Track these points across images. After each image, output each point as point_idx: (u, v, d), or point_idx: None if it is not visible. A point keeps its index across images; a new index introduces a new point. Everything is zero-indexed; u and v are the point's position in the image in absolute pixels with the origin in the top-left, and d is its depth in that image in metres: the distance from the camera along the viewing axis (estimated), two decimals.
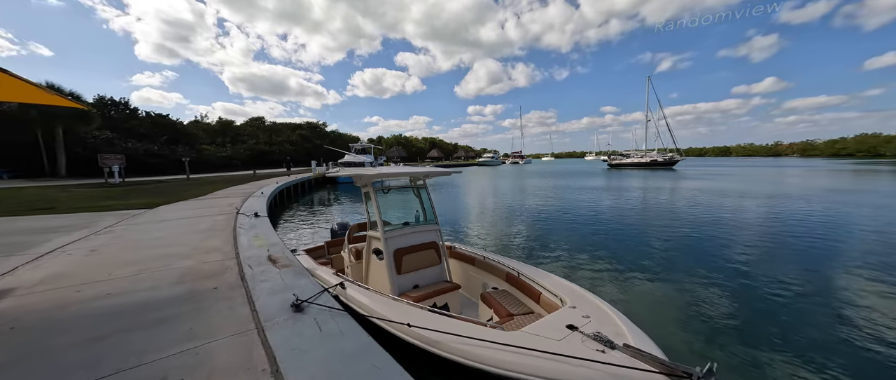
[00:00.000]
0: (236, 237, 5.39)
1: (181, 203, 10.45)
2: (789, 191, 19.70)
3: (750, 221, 11.22)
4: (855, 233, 9.29)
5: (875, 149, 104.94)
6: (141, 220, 7.39)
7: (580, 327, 2.30)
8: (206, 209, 8.85)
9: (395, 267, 3.92)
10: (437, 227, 4.46)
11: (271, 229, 6.14)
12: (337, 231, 6.75)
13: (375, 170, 4.18)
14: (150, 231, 6.10)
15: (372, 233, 4.19)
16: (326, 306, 2.67)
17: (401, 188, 4.80)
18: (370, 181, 4.28)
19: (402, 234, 4.13)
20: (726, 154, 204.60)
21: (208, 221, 6.95)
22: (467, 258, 4.66)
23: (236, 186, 17.41)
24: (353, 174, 4.50)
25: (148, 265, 3.98)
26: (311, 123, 70.80)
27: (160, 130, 40.97)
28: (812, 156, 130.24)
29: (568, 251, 8.23)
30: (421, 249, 4.16)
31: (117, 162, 20.77)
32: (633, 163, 54.24)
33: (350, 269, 5.01)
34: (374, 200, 4.16)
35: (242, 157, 48.45)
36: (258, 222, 6.75)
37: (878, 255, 7.30)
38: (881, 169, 41.35)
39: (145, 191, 15.37)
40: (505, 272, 3.89)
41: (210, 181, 21.96)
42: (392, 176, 4.30)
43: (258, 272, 3.64)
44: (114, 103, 39.61)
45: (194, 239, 5.34)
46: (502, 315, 3.10)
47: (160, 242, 5.24)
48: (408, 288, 3.98)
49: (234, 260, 4.14)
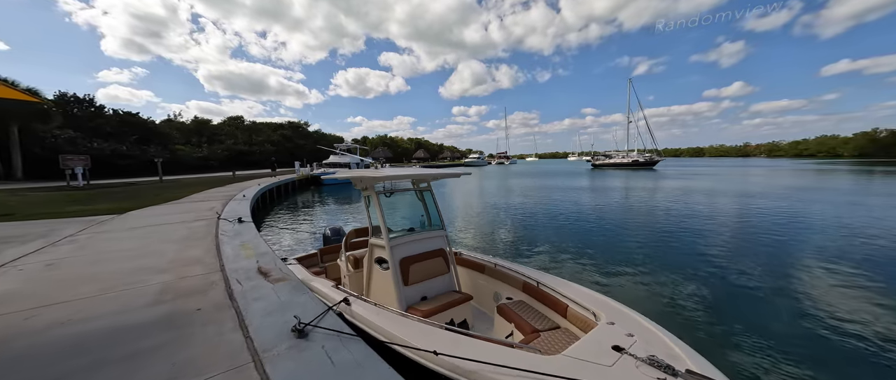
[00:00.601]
0: (220, 246, 4.88)
1: (154, 208, 9.66)
2: (768, 190, 20.53)
3: (740, 219, 11.50)
4: (833, 229, 9.64)
5: (834, 150, 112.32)
6: (108, 227, 6.70)
7: (627, 347, 2.05)
8: (183, 214, 8.18)
9: (402, 278, 3.58)
10: (444, 233, 4.15)
11: (259, 236, 5.65)
12: (330, 237, 6.32)
13: (379, 171, 3.83)
14: (120, 240, 5.48)
15: (375, 240, 3.83)
16: (334, 330, 2.31)
17: (403, 191, 4.45)
18: (372, 184, 3.92)
19: (407, 241, 3.80)
20: (700, 155, 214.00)
21: (186, 229, 6.35)
22: (476, 266, 4.37)
23: (215, 188, 16.46)
24: (352, 177, 4.12)
25: (117, 282, 3.47)
26: (293, 123, 68.78)
27: (129, 128, 38.56)
28: (778, 156, 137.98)
29: (571, 254, 8.09)
30: (428, 258, 3.84)
31: (81, 163, 19.27)
32: (615, 163, 55.59)
33: (348, 279, 4.62)
34: (377, 205, 3.80)
35: (220, 157, 46.37)
36: (243, 229, 6.23)
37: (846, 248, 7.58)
38: (840, 169, 44.22)
39: (113, 194, 14.26)
40: (521, 281, 3.62)
41: (186, 183, 20.74)
42: (396, 179, 3.95)
43: (249, 288, 3.21)
44: (77, 100, 37.00)
45: (171, 249, 4.80)
46: (527, 331, 2.82)
47: (131, 253, 4.67)
48: (415, 300, 3.65)
49: (219, 274, 3.68)
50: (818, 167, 48.65)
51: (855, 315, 4.72)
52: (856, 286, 5.75)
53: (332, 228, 6.51)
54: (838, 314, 4.76)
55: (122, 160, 33.10)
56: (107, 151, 31.94)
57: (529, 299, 3.45)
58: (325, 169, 33.09)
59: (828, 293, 5.50)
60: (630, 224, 11.32)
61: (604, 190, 22.86)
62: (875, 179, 27.46)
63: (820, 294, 5.46)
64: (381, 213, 3.77)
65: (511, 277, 3.80)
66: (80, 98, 37.28)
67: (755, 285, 5.92)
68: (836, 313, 4.79)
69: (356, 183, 4.10)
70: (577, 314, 2.78)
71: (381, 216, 3.75)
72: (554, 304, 3.09)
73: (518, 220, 12.76)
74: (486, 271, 4.23)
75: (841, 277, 6.13)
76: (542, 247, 8.80)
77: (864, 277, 6.10)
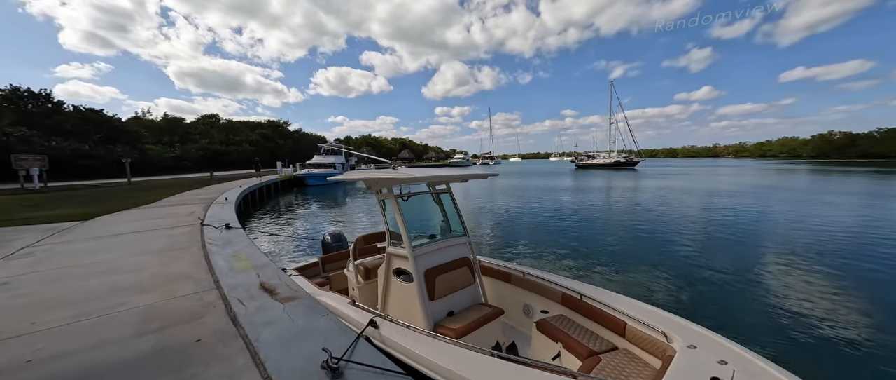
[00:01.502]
0: (209, 258, 4.33)
1: (125, 213, 8.79)
2: (741, 189, 21.39)
3: (720, 215, 11.80)
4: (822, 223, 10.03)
5: (794, 150, 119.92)
6: (73, 236, 5.93)
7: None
8: (160, 220, 7.43)
9: (428, 292, 3.21)
10: (467, 239, 3.81)
11: (252, 244, 5.10)
12: (331, 244, 5.83)
13: (400, 172, 3.43)
14: (88, 252, 4.80)
15: (395, 249, 3.44)
16: (374, 367, 1.92)
17: (420, 194, 4.07)
18: (391, 186, 3.53)
19: (431, 250, 3.43)
20: (674, 155, 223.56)
21: (165, 237, 5.70)
22: (501, 274, 4.04)
23: (191, 190, 15.39)
24: (367, 178, 3.70)
25: (90, 306, 2.91)
26: (272, 122, 66.41)
27: (93, 126, 35.88)
28: (744, 157, 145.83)
29: (568, 250, 7.93)
30: (453, 268, 3.48)
31: (37, 164, 17.57)
32: (598, 163, 56.91)
33: (358, 291, 4.20)
34: (397, 210, 3.41)
35: (194, 158, 44.00)
36: (232, 236, 5.64)
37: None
38: (799, 168, 47.31)
39: (76, 198, 13.02)
40: (559, 293, 3.32)
41: (158, 185, 19.37)
42: (420, 180, 3.56)
43: (255, 310, 2.76)
44: (32, 95, 34.07)
45: (152, 262, 4.21)
46: (582, 354, 2.52)
47: (103, 267, 4.05)
48: (441, 316, 3.29)
49: (214, 291, 3.19)
50: (788, 167, 51.58)
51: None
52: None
53: (331, 233, 6.01)
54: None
55: (85, 160, 30.73)
56: (67, 151, 29.56)
57: (571, 313, 3.15)
58: (310, 170, 31.88)
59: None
60: (640, 223, 11.36)
61: (597, 190, 23.15)
62: (844, 179, 29.28)
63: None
64: (401, 218, 3.39)
65: (545, 287, 3.50)
66: (36, 93, 34.36)
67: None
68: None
69: (371, 185, 3.69)
70: (641, 334, 2.50)
71: (402, 222, 3.37)
72: (606, 320, 2.80)
73: (520, 221, 12.57)
74: (513, 281, 3.91)
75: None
76: (551, 248, 8.61)
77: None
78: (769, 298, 5.41)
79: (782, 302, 5.23)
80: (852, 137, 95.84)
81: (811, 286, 5.80)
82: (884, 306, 5.09)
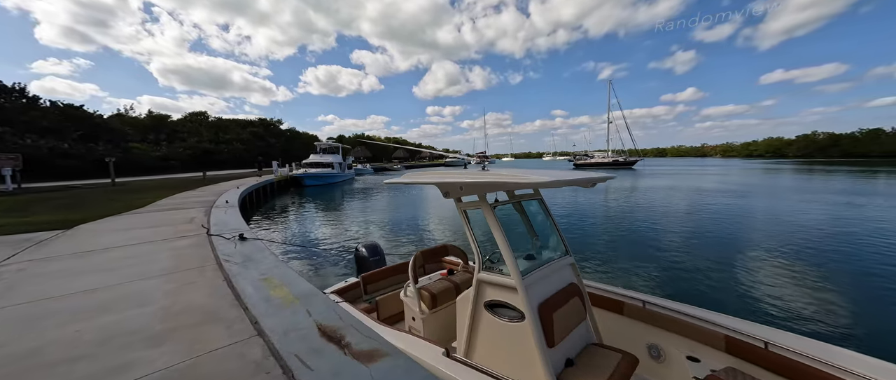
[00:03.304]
0: (232, 282, 3.43)
1: (113, 220, 7.71)
2: (751, 189, 21.20)
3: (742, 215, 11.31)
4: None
5: (780, 150, 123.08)
6: (51, 251, 4.91)
7: None
8: (158, 229, 6.42)
9: (545, 335, 2.40)
10: (571, 259, 3.01)
11: (281, 262, 4.19)
12: (367, 258, 4.93)
13: (495, 174, 2.60)
14: (72, 274, 3.83)
15: (490, 276, 2.62)
16: None
17: (504, 203, 3.24)
18: (484, 193, 2.71)
19: (538, 277, 2.62)
20: (663, 155, 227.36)
21: (168, 252, 4.74)
22: (607, 302, 3.25)
23: (185, 192, 14.20)
24: (442, 183, 2.86)
25: (84, 367, 2.01)
26: (264, 120, 64.44)
27: (72, 123, 33.82)
28: (731, 156, 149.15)
29: (628, 261, 7.23)
30: (565, 300, 2.68)
31: (10, 163, 16.06)
32: (596, 163, 56.89)
33: (420, 322, 3.37)
34: (496, 223, 2.59)
35: (182, 157, 42.08)
36: (250, 250, 4.72)
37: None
38: (785, 167, 48.22)
39: (54, 202, 11.76)
40: (717, 335, 2.49)
41: (146, 186, 18.02)
42: (519, 186, 2.72)
43: (325, 370, 1.91)
44: (4, 89, 31.88)
45: (157, 291, 3.29)
46: None
47: (95, 299, 3.12)
48: (560, 367, 2.49)
49: (257, 341, 2.31)
50: (777, 167, 52.44)
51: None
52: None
53: (366, 245, 5.12)
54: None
55: (63, 160, 28.82)
56: (43, 149, 27.66)
57: (751, 366, 2.31)
58: (308, 169, 30.53)
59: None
60: (699, 225, 10.74)
61: (617, 190, 22.66)
62: (850, 177, 29.59)
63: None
64: (502, 235, 2.56)
65: (687, 324, 2.70)
66: (8, 87, 32.20)
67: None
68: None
69: (452, 191, 2.85)
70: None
71: (504, 240, 2.54)
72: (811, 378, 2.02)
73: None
74: (627, 311, 3.11)
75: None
76: (614, 260, 7.89)
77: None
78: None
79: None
80: (835, 137, 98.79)
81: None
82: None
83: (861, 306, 5.15)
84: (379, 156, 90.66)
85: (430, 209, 16.03)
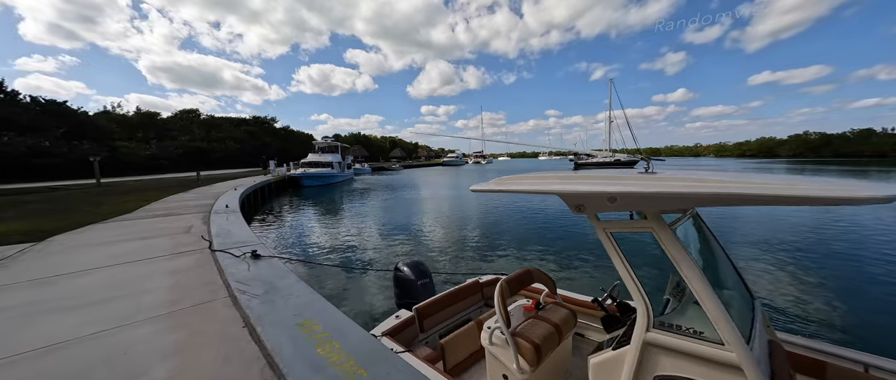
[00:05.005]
0: (256, 332, 2.41)
1: (95, 229, 6.57)
2: None
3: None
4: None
5: (772, 150, 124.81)
6: (14, 274, 3.81)
7: None
8: (149, 242, 5.32)
9: None
10: (757, 302, 2.07)
11: (315, 293, 3.17)
12: (413, 281, 3.86)
13: (670, 181, 1.62)
14: (28, 317, 2.76)
15: (674, 340, 1.67)
16: None
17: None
18: (657, 210, 1.75)
19: (758, 344, 1.68)
20: (657, 154, 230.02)
21: (163, 276, 3.68)
22: (803, 362, 2.31)
23: (178, 194, 13.00)
24: (567, 193, 1.85)
25: None
26: (258, 119, 62.75)
27: (54, 120, 32.01)
28: (724, 156, 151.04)
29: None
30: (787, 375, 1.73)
31: None
32: (598, 162, 56.33)
33: (516, 378, 2.40)
34: (685, 257, 1.64)
35: (173, 156, 40.35)
36: (269, 273, 3.68)
37: None
38: (778, 166, 48.53)
39: (28, 206, 10.50)
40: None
41: (135, 188, 16.71)
42: (741, 200, 1.71)
43: None
44: None
45: (157, 345, 2.26)
46: None
47: (68, 357, 2.08)
48: None
49: None
50: (771, 166, 52.76)
51: None
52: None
53: (409, 264, 4.04)
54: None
55: (43, 159, 27.14)
56: (22, 148, 25.95)
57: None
58: (306, 169, 29.24)
59: None
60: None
61: None
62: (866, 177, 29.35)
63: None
64: (702, 277, 1.61)
65: None
66: None
67: None
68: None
69: (586, 204, 1.87)
70: None
71: (707, 287, 1.59)
72: None
73: (523, 229, 10.92)
74: (831, 374, 2.18)
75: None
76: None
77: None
78: None
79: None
80: (827, 137, 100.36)
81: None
82: None
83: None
84: (375, 155, 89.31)
85: (445, 212, 15.02)
